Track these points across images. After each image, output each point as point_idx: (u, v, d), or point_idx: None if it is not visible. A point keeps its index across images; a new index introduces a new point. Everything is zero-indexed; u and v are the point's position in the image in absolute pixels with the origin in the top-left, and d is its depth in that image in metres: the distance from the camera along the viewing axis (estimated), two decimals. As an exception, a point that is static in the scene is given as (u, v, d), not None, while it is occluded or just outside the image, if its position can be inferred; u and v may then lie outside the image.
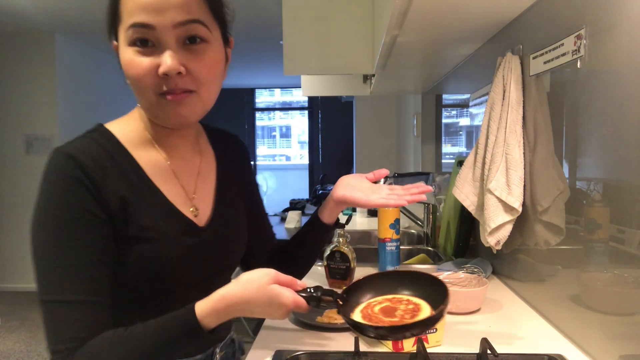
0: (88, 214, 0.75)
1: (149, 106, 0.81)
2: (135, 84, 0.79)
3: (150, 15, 0.75)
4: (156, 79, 0.77)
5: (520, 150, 1.22)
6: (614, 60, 0.87)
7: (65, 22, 4.57)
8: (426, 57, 1.90)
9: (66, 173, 0.75)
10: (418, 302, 0.80)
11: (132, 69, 0.77)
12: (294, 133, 8.89)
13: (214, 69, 0.83)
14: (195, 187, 0.91)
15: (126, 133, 0.84)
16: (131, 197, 0.80)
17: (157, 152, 0.87)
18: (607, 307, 0.94)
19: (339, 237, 1.51)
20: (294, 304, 0.77)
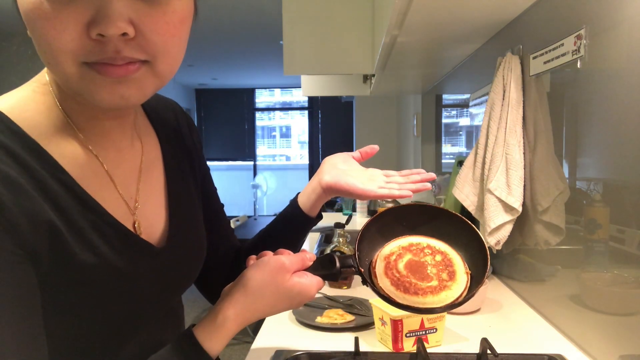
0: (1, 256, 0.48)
1: (66, 80, 0.52)
2: (44, 45, 0.50)
3: None
4: (83, 40, 0.48)
5: (520, 150, 1.22)
6: (614, 60, 0.87)
7: (65, 22, 4.57)
8: (426, 57, 1.90)
9: None
10: (440, 247, 0.69)
11: (40, 19, 0.48)
12: (294, 133, 8.90)
13: (179, 29, 0.53)
14: (137, 191, 0.65)
15: (32, 115, 0.55)
16: (58, 221, 0.53)
17: (81, 144, 0.58)
18: (607, 307, 0.94)
19: (339, 237, 1.51)
20: (317, 289, 0.66)
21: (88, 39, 0.48)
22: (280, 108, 8.88)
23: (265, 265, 0.63)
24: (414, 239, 0.71)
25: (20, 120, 0.54)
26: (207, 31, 4.75)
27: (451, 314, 1.19)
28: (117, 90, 0.51)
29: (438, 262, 0.67)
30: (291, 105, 8.85)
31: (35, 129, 0.55)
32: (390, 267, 0.68)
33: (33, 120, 0.55)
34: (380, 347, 1.03)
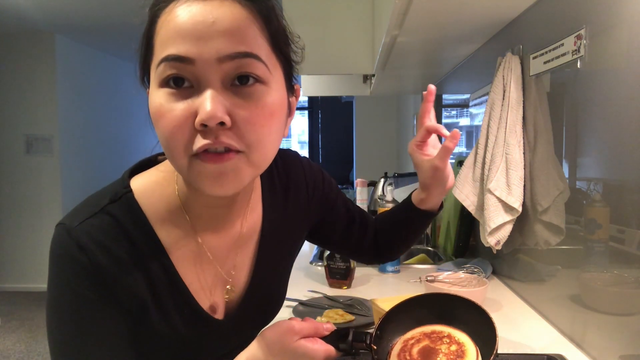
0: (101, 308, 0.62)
1: (180, 171, 0.60)
2: (164, 140, 0.57)
3: (189, 44, 0.54)
4: (190, 132, 0.55)
5: (520, 150, 1.22)
6: (614, 60, 0.87)
7: (65, 22, 4.57)
8: (426, 57, 1.90)
9: (75, 264, 0.61)
10: (461, 339, 0.70)
11: (161, 118, 0.56)
12: (294, 133, 8.90)
13: (269, 120, 0.59)
14: (234, 262, 0.75)
15: (155, 201, 0.67)
16: (149, 298, 0.65)
17: (189, 228, 0.68)
18: (607, 307, 0.94)
19: (339, 237, 1.51)
20: (325, 356, 0.68)
21: (194, 131, 0.55)
22: (280, 108, 8.88)
23: (278, 326, 0.68)
24: (438, 327, 0.73)
25: (147, 206, 0.66)
26: (207, 31, 4.74)
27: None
28: (218, 181, 0.57)
29: (451, 352, 0.69)
30: (291, 105, 8.85)
31: (154, 214, 0.66)
32: (405, 350, 0.70)
33: (155, 206, 0.66)
34: (380, 347, 1.03)
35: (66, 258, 0.62)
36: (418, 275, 1.34)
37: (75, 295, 0.62)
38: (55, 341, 0.64)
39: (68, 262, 0.62)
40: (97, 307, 0.62)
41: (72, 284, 0.62)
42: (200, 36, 0.54)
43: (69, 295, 0.62)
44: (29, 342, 3.77)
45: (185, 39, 0.54)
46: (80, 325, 0.62)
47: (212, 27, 0.54)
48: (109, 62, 5.96)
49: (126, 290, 0.63)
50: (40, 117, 5.02)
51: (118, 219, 0.64)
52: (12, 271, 5.11)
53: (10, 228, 5.11)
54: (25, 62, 5.01)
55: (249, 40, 0.57)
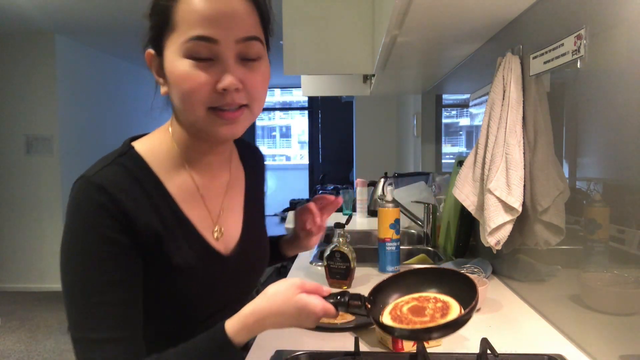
0: (120, 248, 0.72)
1: (196, 120, 0.76)
2: (186, 97, 0.74)
3: (215, 29, 0.72)
4: (211, 93, 0.74)
5: (520, 150, 1.22)
6: (614, 60, 0.87)
7: (65, 22, 4.57)
8: (426, 57, 1.90)
9: (98, 206, 0.71)
10: (446, 299, 0.78)
11: (186, 82, 0.73)
12: (294, 133, 8.90)
13: (265, 84, 0.82)
14: (221, 207, 0.89)
15: (157, 155, 0.81)
16: (163, 231, 0.77)
17: (187, 175, 0.84)
18: (607, 307, 0.94)
19: (339, 237, 1.51)
20: (323, 311, 0.75)
21: (215, 92, 0.74)
22: (280, 108, 8.88)
23: (283, 281, 0.77)
24: (425, 293, 0.82)
25: (150, 159, 0.80)
26: (207, 31, 4.75)
27: (451, 314, 1.19)
28: (230, 129, 0.78)
29: (437, 308, 0.77)
30: (291, 105, 8.85)
31: (158, 165, 0.80)
32: (396, 309, 0.79)
33: (158, 157, 0.81)
34: (380, 347, 1.03)
35: (88, 202, 0.71)
36: (418, 275, 1.35)
37: (97, 236, 0.71)
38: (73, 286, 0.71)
39: (90, 206, 0.71)
40: (117, 248, 0.72)
41: (95, 226, 0.71)
42: (224, 23, 0.72)
43: (92, 237, 0.71)
44: (29, 342, 3.77)
45: (211, 23, 0.72)
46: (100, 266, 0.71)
47: (231, 17, 0.73)
48: (109, 62, 5.96)
49: (143, 225, 0.74)
50: (40, 117, 5.02)
51: (128, 168, 0.77)
52: (12, 271, 5.11)
53: (10, 228, 5.11)
54: (25, 62, 5.01)
55: (254, 27, 0.77)
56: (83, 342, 0.71)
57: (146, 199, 0.76)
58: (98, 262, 0.71)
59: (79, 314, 0.71)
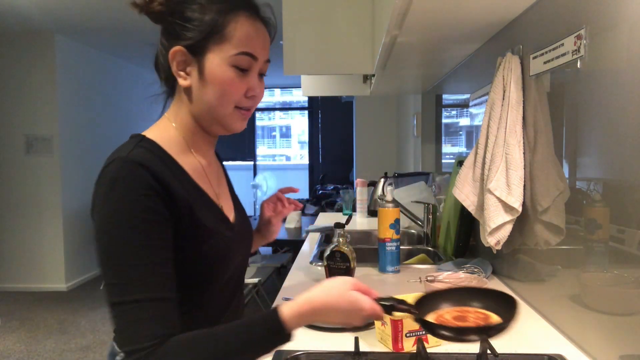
0: (160, 217, 0.79)
1: (224, 114, 0.91)
2: (224, 96, 0.89)
3: (258, 49, 0.90)
4: (241, 96, 0.91)
5: (520, 150, 1.22)
6: (614, 60, 0.87)
7: (65, 22, 4.57)
8: (426, 57, 1.90)
9: (140, 181, 0.79)
10: (487, 312, 0.83)
11: (229, 85, 0.88)
12: (294, 133, 8.90)
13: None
14: (218, 187, 1.01)
15: (165, 141, 0.89)
16: (191, 201, 0.86)
17: (194, 158, 0.94)
18: (607, 307, 0.94)
19: (339, 237, 1.51)
20: (372, 310, 0.80)
21: (244, 96, 0.91)
22: (280, 108, 8.88)
23: (338, 277, 0.84)
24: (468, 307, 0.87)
25: (162, 144, 0.89)
26: (207, 31, 4.75)
27: (451, 314, 1.19)
28: (243, 124, 0.95)
29: (479, 317, 0.82)
30: (291, 105, 8.84)
31: (171, 149, 0.89)
32: (439, 316, 0.84)
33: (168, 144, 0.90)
34: (380, 347, 1.03)
35: (130, 177, 0.78)
36: (418, 275, 1.34)
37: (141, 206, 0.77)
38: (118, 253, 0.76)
39: (132, 180, 0.78)
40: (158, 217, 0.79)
41: (139, 198, 0.78)
42: (263, 46, 0.92)
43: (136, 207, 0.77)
44: (29, 342, 3.77)
45: (256, 45, 0.90)
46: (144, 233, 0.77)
47: (265, 42, 0.93)
48: (109, 62, 5.96)
49: (178, 196, 0.82)
50: (40, 117, 5.02)
51: (151, 150, 0.85)
52: (12, 271, 5.11)
53: (10, 228, 5.11)
54: (25, 62, 5.01)
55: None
56: (129, 303, 0.74)
57: (172, 174, 0.85)
58: (142, 230, 0.77)
59: (126, 275, 0.75)
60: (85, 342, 3.77)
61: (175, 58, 0.88)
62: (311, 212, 5.61)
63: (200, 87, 0.88)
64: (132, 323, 0.74)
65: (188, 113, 0.92)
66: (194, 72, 0.88)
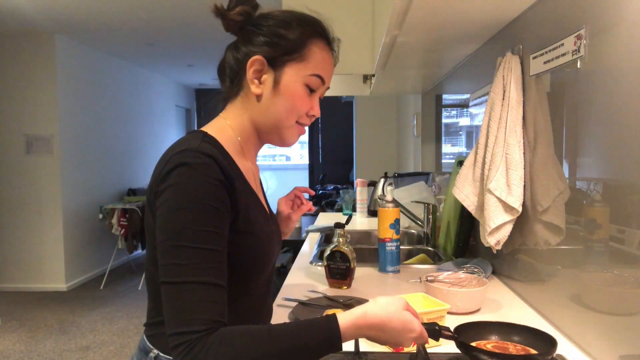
0: (225, 207, 0.84)
1: (286, 126, 0.97)
2: (293, 109, 0.96)
3: (327, 75, 0.99)
4: (304, 113, 0.98)
5: (520, 150, 1.22)
6: (614, 60, 0.87)
7: (66, 22, 4.57)
8: (426, 57, 1.90)
9: (210, 171, 0.83)
10: (528, 349, 0.90)
11: (299, 100, 0.96)
12: (294, 133, 8.89)
13: None
14: (259, 190, 1.07)
15: (225, 141, 0.94)
16: (246, 198, 0.91)
17: (246, 161, 1.00)
18: (607, 307, 0.94)
19: (339, 237, 1.51)
20: (421, 333, 0.82)
21: (306, 114, 0.98)
22: (280, 108, 8.87)
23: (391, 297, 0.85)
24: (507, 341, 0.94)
25: (222, 142, 0.93)
26: (207, 31, 4.75)
27: (451, 313, 1.19)
28: (296, 139, 1.02)
29: (518, 350, 0.89)
30: (291, 105, 8.84)
31: (229, 149, 0.93)
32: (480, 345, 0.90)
33: (226, 144, 0.94)
34: (380, 347, 1.03)
35: (203, 165, 0.82)
36: (418, 275, 1.34)
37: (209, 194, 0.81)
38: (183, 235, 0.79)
39: (204, 168, 0.82)
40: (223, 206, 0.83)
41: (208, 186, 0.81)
42: (329, 74, 1.00)
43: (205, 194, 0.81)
44: (29, 342, 3.77)
45: (327, 71, 0.99)
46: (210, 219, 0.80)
47: (332, 72, 1.01)
48: (109, 62, 5.96)
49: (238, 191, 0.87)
50: (40, 117, 5.02)
51: (215, 146, 0.90)
52: (12, 271, 5.11)
53: (10, 228, 5.11)
54: (25, 62, 5.01)
55: None
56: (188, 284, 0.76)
57: (232, 170, 0.88)
58: (209, 216, 0.81)
59: (189, 257, 0.78)
60: (85, 342, 3.77)
61: (254, 66, 0.93)
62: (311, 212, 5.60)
63: (271, 97, 0.94)
64: (188, 304, 0.75)
65: (249, 118, 0.97)
66: (269, 82, 0.94)
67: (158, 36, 5.00)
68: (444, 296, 1.19)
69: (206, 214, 0.80)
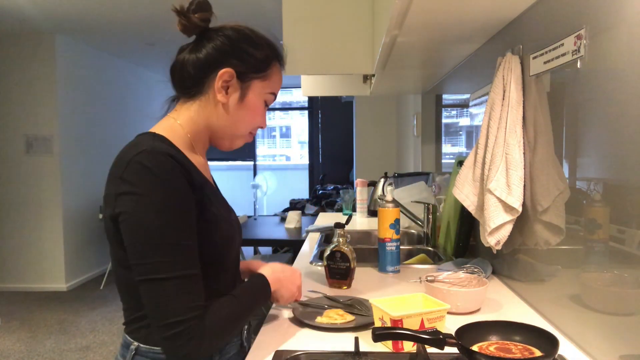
0: (191, 201, 0.90)
1: (239, 134, 1.07)
2: (250, 121, 1.06)
3: (277, 92, 1.10)
4: (257, 125, 1.09)
5: (520, 150, 1.22)
6: (614, 61, 0.87)
7: (66, 22, 4.57)
8: (426, 57, 1.90)
9: (172, 168, 0.88)
10: (530, 348, 0.90)
11: (258, 115, 1.07)
12: (294, 133, 8.89)
13: None
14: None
15: (175, 139, 0.99)
16: (205, 190, 0.97)
17: (197, 155, 1.04)
18: (607, 307, 0.94)
19: (339, 237, 1.51)
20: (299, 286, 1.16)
21: (257, 126, 1.09)
22: (280, 108, 8.87)
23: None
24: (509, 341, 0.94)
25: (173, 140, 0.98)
26: (207, 31, 4.75)
27: (451, 313, 1.19)
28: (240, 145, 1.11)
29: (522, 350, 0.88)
30: (291, 105, 8.84)
31: (179, 145, 0.98)
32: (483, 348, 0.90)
33: (177, 142, 0.98)
34: (380, 347, 1.03)
35: (162, 165, 0.87)
36: (418, 275, 1.34)
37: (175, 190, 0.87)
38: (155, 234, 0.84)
39: (164, 168, 0.87)
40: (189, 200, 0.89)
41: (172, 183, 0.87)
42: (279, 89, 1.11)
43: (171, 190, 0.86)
44: (29, 342, 3.77)
45: (278, 88, 1.10)
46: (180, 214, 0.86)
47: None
48: (109, 62, 5.96)
49: (197, 183, 0.92)
50: (40, 117, 5.02)
51: (169, 145, 0.95)
52: (12, 271, 5.11)
53: (10, 228, 5.11)
54: (25, 62, 5.01)
55: None
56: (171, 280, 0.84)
57: (187, 165, 0.94)
58: (179, 213, 0.87)
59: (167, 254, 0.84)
60: (85, 342, 3.77)
61: (223, 77, 0.99)
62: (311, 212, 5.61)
63: (235, 108, 1.02)
64: (174, 297, 0.84)
65: (205, 120, 1.03)
66: (235, 94, 1.02)
67: (158, 36, 5.00)
68: (444, 296, 1.19)
69: (174, 211, 0.86)
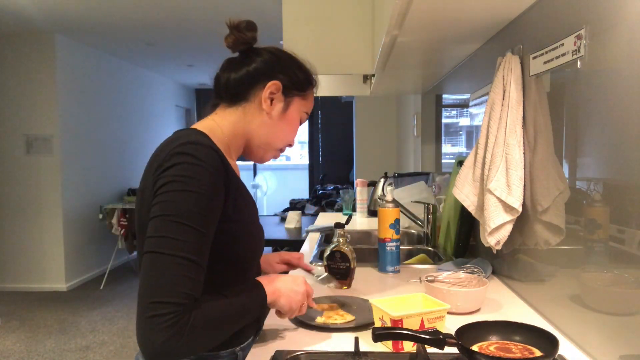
0: (220, 196, 0.93)
1: (274, 147, 1.11)
2: (287, 135, 1.12)
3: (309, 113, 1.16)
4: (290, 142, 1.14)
5: (520, 150, 1.22)
6: (614, 60, 0.87)
7: (65, 22, 4.57)
8: (426, 57, 1.90)
9: (214, 160, 0.91)
10: (530, 348, 0.90)
11: (294, 131, 1.13)
12: (294, 133, 8.88)
13: None
14: None
15: (215, 139, 1.01)
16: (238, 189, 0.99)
17: (232, 160, 1.07)
18: (607, 307, 0.94)
19: (339, 237, 1.51)
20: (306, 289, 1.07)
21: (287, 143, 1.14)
22: (280, 108, 8.87)
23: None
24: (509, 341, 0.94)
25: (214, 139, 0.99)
26: (207, 31, 4.75)
27: (451, 313, 1.19)
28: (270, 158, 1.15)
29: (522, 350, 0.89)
30: (291, 105, 8.83)
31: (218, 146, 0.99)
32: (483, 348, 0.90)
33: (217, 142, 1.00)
34: (380, 347, 1.03)
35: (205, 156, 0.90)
36: (418, 275, 1.34)
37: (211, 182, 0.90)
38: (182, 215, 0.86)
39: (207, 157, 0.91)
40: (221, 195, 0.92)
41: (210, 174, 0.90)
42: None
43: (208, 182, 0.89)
44: (29, 342, 3.77)
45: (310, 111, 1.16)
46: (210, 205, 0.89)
47: None
48: (109, 62, 5.96)
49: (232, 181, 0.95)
50: (40, 117, 5.02)
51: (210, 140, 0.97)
52: (12, 271, 5.11)
53: (10, 228, 5.11)
54: (25, 62, 5.01)
55: None
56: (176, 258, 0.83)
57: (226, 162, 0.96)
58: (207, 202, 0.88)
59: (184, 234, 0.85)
60: (85, 342, 3.77)
61: (271, 88, 1.05)
62: (311, 212, 5.61)
63: (278, 118, 1.07)
64: (172, 276, 0.82)
65: (244, 127, 1.07)
66: (279, 106, 1.07)
67: (158, 36, 5.00)
68: (444, 296, 1.19)
69: (205, 199, 0.88)
